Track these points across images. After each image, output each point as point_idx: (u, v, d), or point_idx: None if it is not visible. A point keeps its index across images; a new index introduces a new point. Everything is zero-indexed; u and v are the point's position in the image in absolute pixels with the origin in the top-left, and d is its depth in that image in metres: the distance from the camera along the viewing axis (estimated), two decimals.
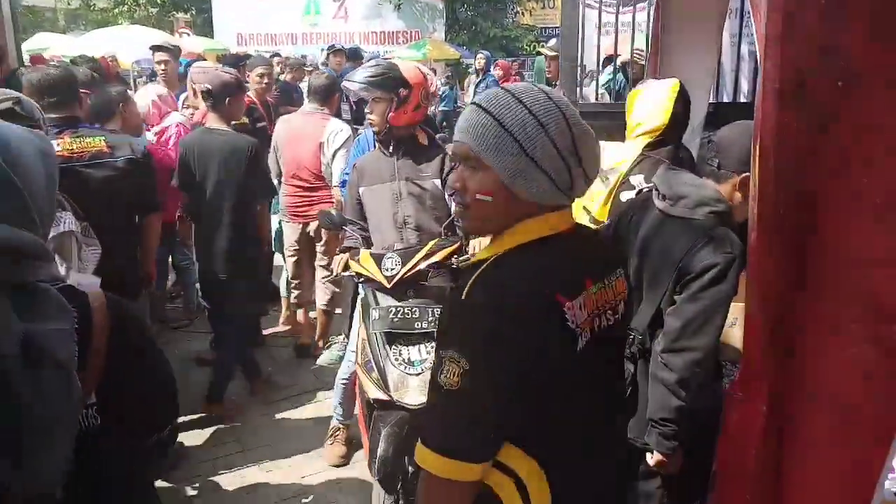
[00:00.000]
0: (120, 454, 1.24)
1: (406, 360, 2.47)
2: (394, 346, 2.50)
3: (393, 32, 16.04)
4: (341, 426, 3.24)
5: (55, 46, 9.75)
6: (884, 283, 0.98)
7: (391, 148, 2.82)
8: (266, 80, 4.81)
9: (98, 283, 1.25)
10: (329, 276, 4.02)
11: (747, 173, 1.44)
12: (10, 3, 4.34)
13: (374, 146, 2.97)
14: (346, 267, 2.71)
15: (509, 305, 1.11)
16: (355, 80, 2.69)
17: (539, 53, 6.65)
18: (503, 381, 1.11)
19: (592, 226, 2.42)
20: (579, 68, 4.03)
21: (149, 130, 4.20)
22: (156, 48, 5.26)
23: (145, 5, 17.28)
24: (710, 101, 3.54)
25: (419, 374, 2.42)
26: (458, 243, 2.61)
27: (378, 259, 2.61)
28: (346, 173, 3.51)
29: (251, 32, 15.62)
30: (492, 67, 9.43)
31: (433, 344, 2.16)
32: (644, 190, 2.31)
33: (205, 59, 6.67)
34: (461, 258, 2.56)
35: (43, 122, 2.43)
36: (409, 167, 2.82)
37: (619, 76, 5.12)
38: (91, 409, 1.15)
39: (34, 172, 1.08)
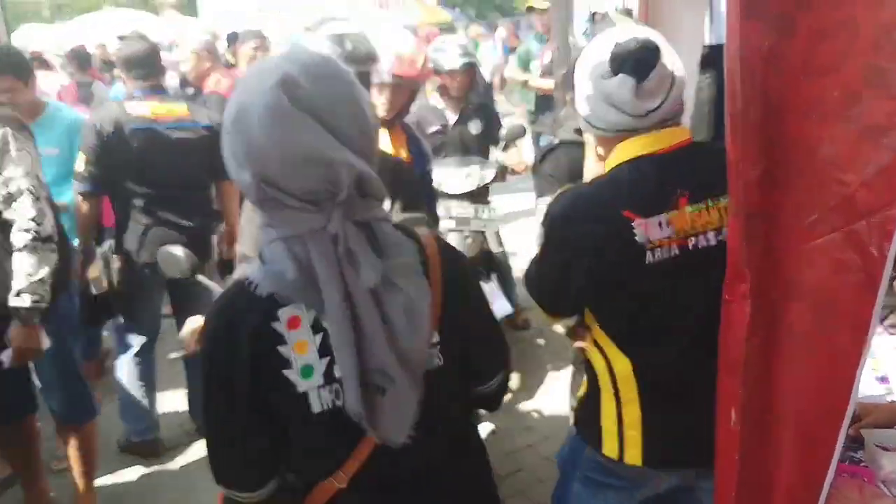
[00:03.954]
0: (457, 399, 1.18)
1: None
2: None
3: None
4: None
5: (39, 39, 9.59)
6: (850, 181, 1.06)
7: None
8: (259, 53, 4.82)
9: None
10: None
11: None
12: None
13: None
14: None
15: (577, 212, 1.43)
16: None
17: (531, 9, 6.58)
18: (566, 268, 1.44)
19: None
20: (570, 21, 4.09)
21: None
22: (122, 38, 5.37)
23: None
24: (706, 43, 3.57)
25: None
26: None
27: None
28: None
29: (237, 11, 15.45)
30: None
31: None
32: None
33: None
34: None
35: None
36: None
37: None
38: (435, 348, 1.08)
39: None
